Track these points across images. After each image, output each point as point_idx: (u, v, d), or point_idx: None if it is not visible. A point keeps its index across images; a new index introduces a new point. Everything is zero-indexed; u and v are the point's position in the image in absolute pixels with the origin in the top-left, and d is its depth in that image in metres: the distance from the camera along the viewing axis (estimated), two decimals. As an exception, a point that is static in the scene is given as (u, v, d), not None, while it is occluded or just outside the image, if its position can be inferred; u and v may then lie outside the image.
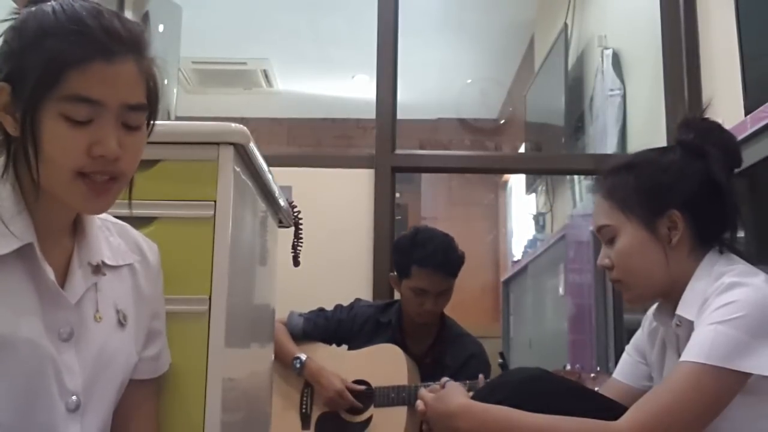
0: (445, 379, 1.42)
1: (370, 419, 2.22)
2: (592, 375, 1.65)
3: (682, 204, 1.32)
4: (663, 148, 1.44)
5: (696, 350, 1.17)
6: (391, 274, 2.44)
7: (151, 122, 1.01)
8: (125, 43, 0.95)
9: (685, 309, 1.27)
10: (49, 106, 0.91)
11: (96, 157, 0.93)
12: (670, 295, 1.34)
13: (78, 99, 0.91)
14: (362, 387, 2.24)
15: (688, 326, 1.26)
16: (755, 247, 1.37)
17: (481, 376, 1.97)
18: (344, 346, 2.41)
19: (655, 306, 1.43)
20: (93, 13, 0.95)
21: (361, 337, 2.36)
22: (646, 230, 1.33)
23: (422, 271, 2.27)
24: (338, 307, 2.44)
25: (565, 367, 1.75)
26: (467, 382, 1.41)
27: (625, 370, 1.49)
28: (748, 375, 1.15)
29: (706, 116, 1.39)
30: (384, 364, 2.25)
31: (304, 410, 2.28)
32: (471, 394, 1.37)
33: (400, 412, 2.17)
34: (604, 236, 1.39)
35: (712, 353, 1.15)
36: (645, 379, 1.45)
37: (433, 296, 2.28)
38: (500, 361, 2.33)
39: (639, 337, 1.50)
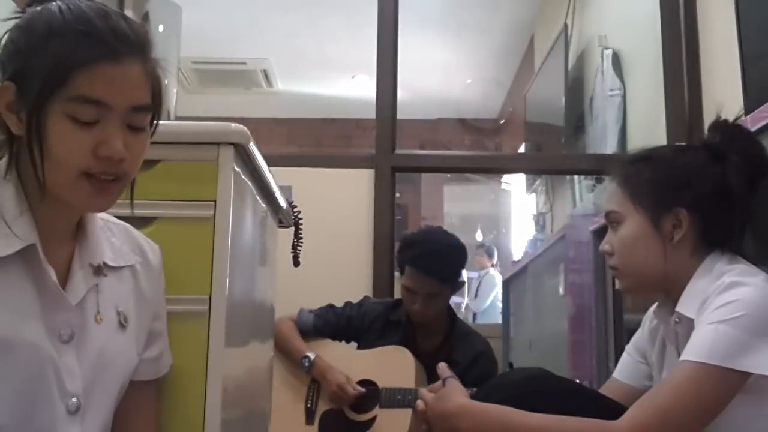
0: (446, 375, 1.41)
1: (374, 419, 2.22)
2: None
3: (691, 204, 1.32)
4: (687, 146, 1.44)
5: (696, 350, 1.17)
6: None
7: (155, 123, 1.01)
8: (132, 44, 0.95)
9: (684, 306, 1.28)
10: (55, 106, 0.91)
11: (101, 158, 0.93)
12: (668, 292, 1.34)
13: (84, 100, 0.91)
14: (363, 390, 2.24)
15: (688, 324, 1.26)
16: (755, 248, 1.37)
17: None
18: (353, 345, 2.41)
19: (656, 304, 1.44)
20: (100, 14, 0.95)
21: (371, 334, 2.37)
22: (651, 223, 1.34)
23: (411, 270, 2.29)
24: (348, 303, 2.44)
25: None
26: (473, 389, 1.41)
27: (626, 369, 1.49)
28: (748, 374, 1.15)
29: (739, 123, 1.39)
30: (392, 365, 2.25)
31: (309, 405, 2.28)
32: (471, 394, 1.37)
33: (405, 415, 2.16)
34: (610, 222, 1.41)
35: (713, 353, 1.15)
36: (645, 379, 1.45)
37: (421, 298, 2.28)
38: (508, 370, 2.33)
39: (639, 336, 1.50)
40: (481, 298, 6.26)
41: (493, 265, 6.50)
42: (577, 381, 1.75)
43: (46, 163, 0.92)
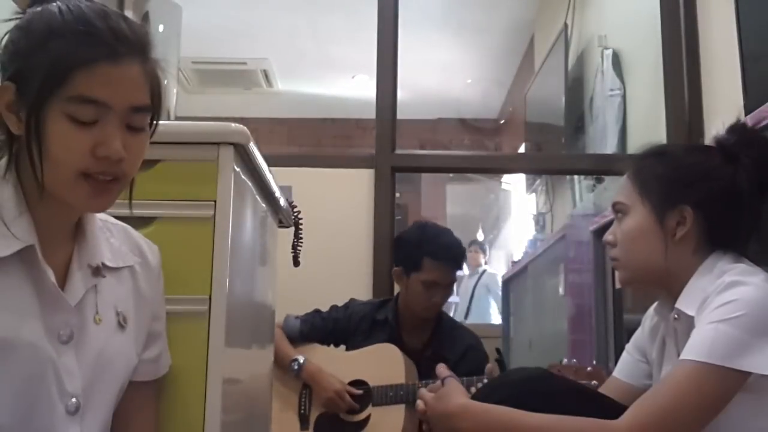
0: (445, 374, 1.41)
1: (368, 418, 2.22)
2: (588, 369, 1.66)
3: (697, 202, 1.32)
4: (703, 145, 1.45)
5: (696, 349, 1.17)
6: (395, 268, 2.44)
7: (154, 123, 1.01)
8: (131, 44, 0.95)
9: (684, 303, 1.28)
10: (54, 106, 0.91)
11: (100, 158, 0.93)
12: (669, 288, 1.35)
13: (83, 100, 0.91)
14: (360, 391, 2.24)
15: (687, 321, 1.26)
16: (759, 250, 1.37)
17: (489, 365, 2.00)
18: (342, 347, 2.41)
19: (657, 302, 1.44)
20: (100, 15, 0.95)
21: (358, 335, 2.37)
22: (655, 218, 1.34)
23: (435, 263, 2.31)
24: (334, 307, 2.45)
25: (561, 361, 1.76)
26: (464, 379, 1.41)
27: (626, 369, 1.49)
28: (748, 374, 1.15)
29: (757, 128, 1.39)
30: (381, 363, 2.26)
31: (302, 411, 2.28)
32: (473, 391, 1.37)
33: (398, 411, 2.17)
34: (616, 212, 1.42)
35: (713, 352, 1.15)
36: (645, 378, 1.45)
37: (443, 288, 2.33)
38: (497, 356, 2.34)
39: (639, 335, 1.50)
40: (494, 300, 6.16)
41: (485, 262, 6.47)
42: (575, 361, 1.75)
43: (44, 163, 0.92)
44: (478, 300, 6.11)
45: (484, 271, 6.32)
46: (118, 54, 0.93)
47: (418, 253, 2.33)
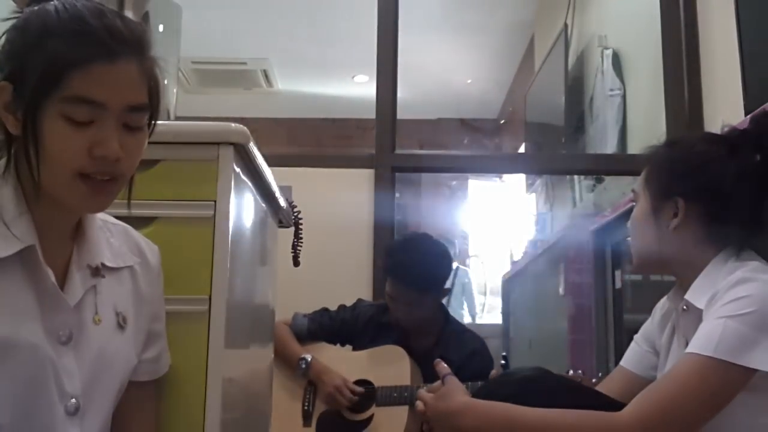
0: (445, 373, 1.41)
1: (371, 418, 2.23)
2: (594, 380, 1.65)
3: (690, 194, 1.32)
4: (714, 136, 1.43)
5: (703, 343, 1.17)
6: None
7: (153, 122, 1.00)
8: (127, 43, 0.94)
9: (694, 295, 1.28)
10: (50, 106, 0.91)
11: (97, 158, 0.93)
12: (676, 276, 1.36)
13: (79, 100, 0.91)
14: (361, 389, 2.24)
15: (695, 313, 1.26)
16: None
17: (493, 372, 1.99)
18: (348, 347, 2.42)
19: (671, 290, 1.44)
20: (95, 13, 0.94)
21: (365, 336, 2.37)
22: (651, 207, 1.36)
23: (391, 278, 2.30)
24: (342, 307, 2.45)
25: (568, 372, 1.75)
26: (469, 384, 1.40)
27: (633, 358, 1.49)
28: (753, 371, 1.15)
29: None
30: (387, 364, 2.26)
31: (306, 407, 2.28)
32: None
33: (402, 412, 2.17)
34: (632, 200, 1.46)
35: (720, 347, 1.15)
36: (652, 369, 1.45)
37: (401, 305, 2.30)
38: (503, 362, 2.33)
39: (649, 325, 1.50)
40: (468, 302, 6.10)
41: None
42: (580, 372, 1.75)
43: (41, 163, 0.92)
44: (454, 299, 6.03)
45: (458, 268, 6.21)
46: (114, 53, 0.92)
47: (384, 267, 2.35)
